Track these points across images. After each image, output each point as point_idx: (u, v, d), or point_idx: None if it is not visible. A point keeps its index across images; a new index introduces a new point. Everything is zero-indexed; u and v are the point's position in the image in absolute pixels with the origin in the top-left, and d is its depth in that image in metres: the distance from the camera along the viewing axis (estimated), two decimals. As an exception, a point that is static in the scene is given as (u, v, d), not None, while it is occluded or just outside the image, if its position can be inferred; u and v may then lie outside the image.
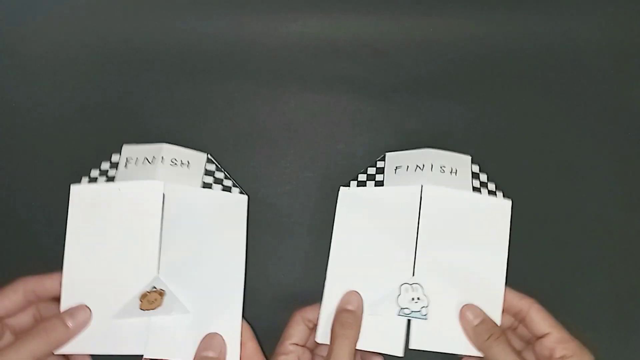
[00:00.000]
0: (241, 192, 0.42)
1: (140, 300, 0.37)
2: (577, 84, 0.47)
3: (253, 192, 0.43)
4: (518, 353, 0.33)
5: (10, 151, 0.45)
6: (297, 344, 0.37)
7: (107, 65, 0.47)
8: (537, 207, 0.43)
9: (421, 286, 0.38)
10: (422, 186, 0.38)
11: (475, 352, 0.36)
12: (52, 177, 0.40)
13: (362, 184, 0.41)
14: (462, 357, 0.37)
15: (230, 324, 0.37)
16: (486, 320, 0.35)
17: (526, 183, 0.44)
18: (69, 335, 0.35)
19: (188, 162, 0.41)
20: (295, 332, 0.37)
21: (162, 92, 0.46)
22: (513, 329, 0.38)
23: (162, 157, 0.40)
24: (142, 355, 0.36)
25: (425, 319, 0.37)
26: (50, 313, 0.36)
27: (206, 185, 0.41)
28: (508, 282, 0.38)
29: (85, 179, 0.40)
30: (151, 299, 0.37)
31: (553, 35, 0.48)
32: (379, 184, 0.40)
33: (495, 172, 0.44)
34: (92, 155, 0.41)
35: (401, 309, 0.37)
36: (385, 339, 0.37)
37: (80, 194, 0.39)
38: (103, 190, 0.39)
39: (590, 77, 0.47)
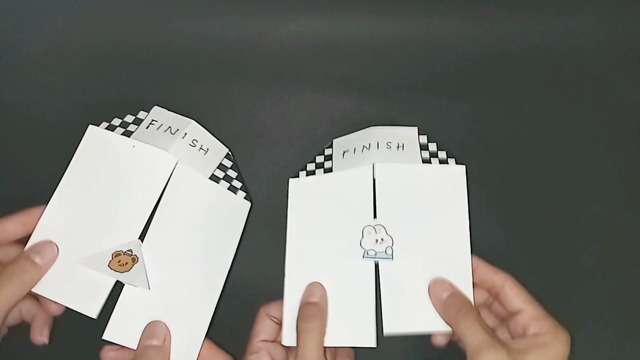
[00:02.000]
0: (246, 198, 0.41)
1: (112, 257, 0.35)
2: (577, 84, 0.47)
3: (253, 192, 0.43)
4: (490, 329, 0.31)
5: (10, 151, 0.45)
6: (266, 340, 0.35)
7: (107, 65, 0.47)
8: (537, 206, 0.43)
9: (384, 227, 0.37)
10: (373, 165, 0.37)
11: (447, 328, 0.34)
12: (52, 177, 0.39)
13: (311, 173, 0.39)
14: (433, 336, 0.36)
15: (196, 326, 0.36)
16: (455, 293, 0.34)
17: (526, 183, 0.44)
18: (40, 273, 0.34)
19: (208, 149, 0.40)
20: (262, 328, 0.35)
21: (162, 92, 0.46)
22: (488, 306, 0.36)
23: (185, 134, 0.39)
24: (94, 319, 0.34)
25: (391, 258, 0.36)
26: (11, 256, 0.35)
27: (214, 179, 0.40)
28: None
29: (104, 124, 0.39)
30: (123, 261, 0.35)
31: (553, 35, 0.48)
32: (328, 171, 0.39)
33: (496, 172, 0.44)
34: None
35: (366, 251, 0.36)
36: (355, 331, 0.35)
37: (95, 136, 0.38)
38: (117, 141, 0.38)
39: (590, 77, 0.47)
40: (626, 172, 0.44)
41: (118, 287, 0.35)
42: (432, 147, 0.39)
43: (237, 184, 0.41)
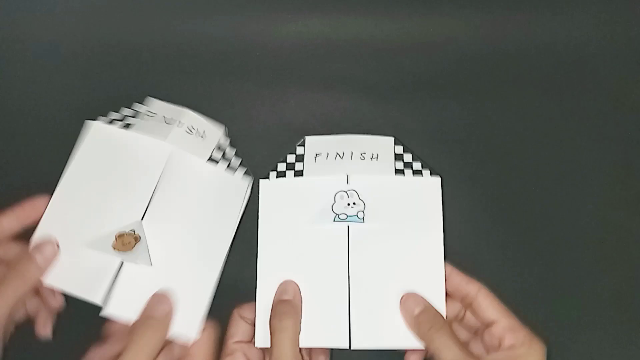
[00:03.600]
0: (247, 173, 0.41)
1: (115, 239, 0.36)
2: (577, 84, 0.47)
3: (252, 192, 0.43)
4: (463, 345, 0.31)
5: (10, 151, 0.45)
6: (240, 342, 0.35)
7: (107, 65, 0.47)
8: (536, 206, 0.43)
9: (356, 192, 0.36)
10: (347, 176, 0.37)
11: (419, 345, 0.33)
12: (51, 176, 0.39)
13: (281, 174, 0.39)
14: (405, 352, 0.35)
15: (196, 302, 0.36)
16: (428, 309, 0.33)
17: (526, 183, 0.44)
18: (42, 271, 0.34)
19: (204, 131, 0.42)
20: (236, 329, 0.35)
21: (162, 91, 0.46)
22: (459, 320, 0.35)
23: (180, 122, 0.41)
24: (99, 309, 0.35)
25: (363, 222, 0.36)
26: (10, 253, 0.35)
27: (213, 160, 0.41)
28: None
29: (103, 119, 0.41)
30: (126, 241, 0.36)
31: (553, 35, 0.48)
32: (299, 173, 0.38)
33: (495, 172, 0.44)
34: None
35: (337, 215, 0.36)
36: (330, 332, 0.34)
37: (98, 131, 0.40)
38: (118, 134, 0.40)
39: (590, 77, 0.47)
40: (625, 173, 0.44)
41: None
42: (407, 157, 0.39)
43: (235, 162, 0.42)
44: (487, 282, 0.34)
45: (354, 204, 0.36)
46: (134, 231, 0.37)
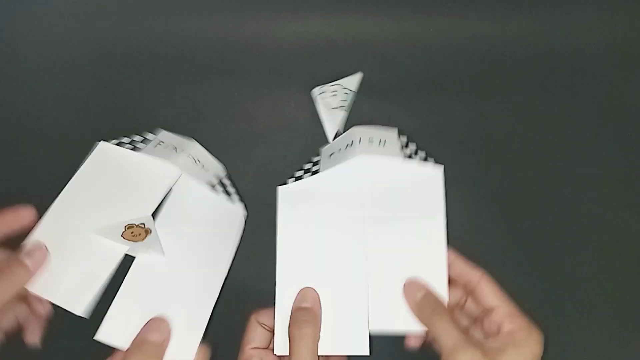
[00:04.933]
0: (241, 201, 0.42)
1: (124, 229, 0.36)
2: (577, 84, 0.47)
3: (253, 192, 0.43)
4: (464, 329, 0.31)
5: (10, 151, 0.45)
6: (257, 347, 0.35)
7: (107, 65, 0.47)
8: (536, 205, 0.43)
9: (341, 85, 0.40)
10: (355, 158, 0.37)
11: (420, 328, 0.34)
12: (51, 176, 0.39)
13: (299, 179, 0.39)
14: (407, 338, 0.36)
15: (192, 329, 0.36)
16: (429, 294, 0.33)
17: (526, 180, 0.44)
18: (30, 275, 0.34)
19: (208, 169, 0.42)
20: (254, 335, 0.35)
21: (162, 92, 0.46)
22: (460, 306, 0.36)
23: (189, 153, 0.42)
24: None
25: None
26: (1, 257, 0.35)
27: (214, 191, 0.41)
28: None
29: (114, 141, 0.40)
30: (136, 232, 0.36)
31: (553, 35, 0.48)
32: (316, 173, 0.39)
33: (496, 170, 0.44)
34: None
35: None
36: (349, 339, 0.34)
37: (104, 150, 0.40)
38: (124, 154, 0.40)
39: (590, 77, 0.47)
40: (625, 172, 0.44)
41: (111, 290, 0.35)
42: (412, 146, 0.39)
43: (234, 196, 0.42)
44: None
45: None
46: (144, 224, 0.36)
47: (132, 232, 0.36)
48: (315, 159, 0.42)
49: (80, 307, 0.34)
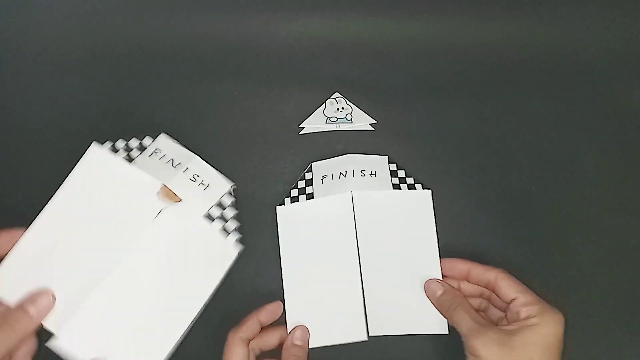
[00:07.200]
0: (237, 241, 0.40)
1: (161, 188, 0.38)
2: (577, 87, 0.47)
3: (252, 192, 0.43)
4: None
5: (10, 150, 0.45)
6: None
7: (107, 65, 0.47)
8: (536, 207, 0.43)
9: (344, 98, 0.42)
10: (351, 192, 0.41)
11: (422, 331, 0.38)
12: (51, 176, 0.39)
13: (295, 199, 0.42)
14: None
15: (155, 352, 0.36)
16: (447, 291, 0.38)
17: (526, 186, 0.44)
18: (34, 322, 0.34)
19: (208, 184, 0.41)
20: (233, 355, 0.36)
21: (162, 92, 0.46)
22: (484, 310, 0.39)
23: (187, 168, 0.40)
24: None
25: (351, 122, 0.43)
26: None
27: (209, 216, 0.40)
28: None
29: (108, 144, 0.40)
30: (171, 194, 0.38)
31: (552, 38, 0.48)
32: (310, 196, 0.42)
33: (495, 172, 0.44)
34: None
35: (328, 118, 0.41)
36: (346, 328, 0.39)
37: (96, 156, 0.39)
38: (116, 166, 0.39)
39: (589, 81, 0.47)
40: (624, 175, 0.44)
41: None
42: (401, 173, 0.43)
43: (231, 225, 0.40)
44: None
45: (342, 108, 0.42)
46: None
47: (167, 192, 0.38)
48: (307, 176, 0.43)
49: (55, 324, 0.35)
